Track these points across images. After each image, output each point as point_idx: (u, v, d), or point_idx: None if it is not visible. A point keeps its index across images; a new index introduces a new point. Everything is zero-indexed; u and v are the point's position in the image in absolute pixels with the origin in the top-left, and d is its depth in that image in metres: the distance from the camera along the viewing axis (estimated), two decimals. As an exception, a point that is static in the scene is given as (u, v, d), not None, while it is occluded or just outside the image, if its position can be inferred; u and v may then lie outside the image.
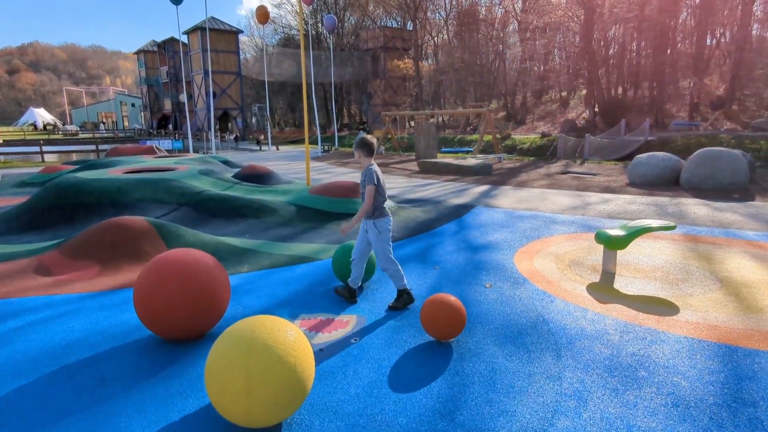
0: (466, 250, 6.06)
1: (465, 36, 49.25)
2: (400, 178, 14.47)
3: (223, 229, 7.24)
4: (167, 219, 7.53)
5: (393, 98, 53.88)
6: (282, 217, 7.65)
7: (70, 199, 7.94)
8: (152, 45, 56.31)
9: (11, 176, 15.77)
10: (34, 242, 6.73)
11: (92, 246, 5.57)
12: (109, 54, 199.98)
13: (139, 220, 5.94)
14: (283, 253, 5.96)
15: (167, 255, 3.52)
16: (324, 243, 6.48)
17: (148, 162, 12.27)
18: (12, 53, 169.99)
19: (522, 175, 14.88)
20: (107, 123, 75.36)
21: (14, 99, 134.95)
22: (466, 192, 11.40)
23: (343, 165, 19.66)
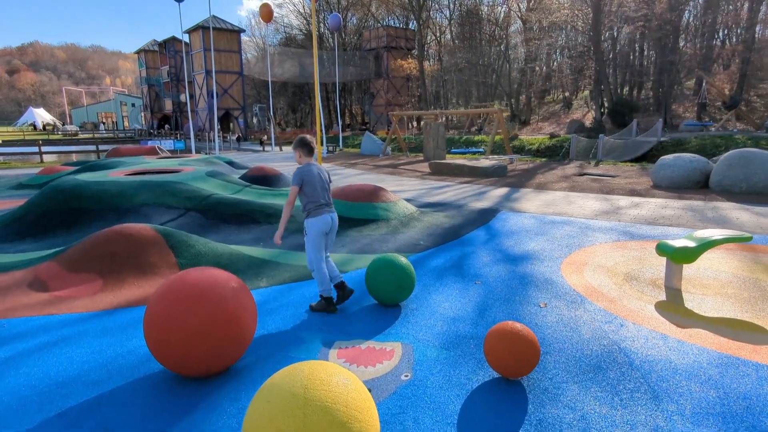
0: (505, 262, 5.50)
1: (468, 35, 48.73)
2: (413, 180, 13.91)
3: (235, 236, 6.68)
4: (174, 225, 6.97)
5: (396, 98, 53.34)
6: (298, 223, 7.08)
7: (68, 204, 7.38)
8: (153, 44, 55.76)
9: (8, 177, 15.21)
10: (30, 251, 6.17)
11: (93, 257, 5.00)
12: (109, 54, 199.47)
13: (144, 227, 5.38)
14: (303, 264, 5.40)
15: (183, 276, 2.95)
16: (346, 252, 5.92)
17: (151, 163, 11.71)
18: (12, 53, 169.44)
19: (538, 176, 14.33)
20: (107, 123, 74.81)
21: (14, 99, 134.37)
22: (485, 195, 10.84)
23: (351, 166, 19.10)
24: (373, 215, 7.24)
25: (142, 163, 11.78)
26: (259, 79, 53.71)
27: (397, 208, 7.55)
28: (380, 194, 7.68)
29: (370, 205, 7.41)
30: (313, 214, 3.92)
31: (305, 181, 3.91)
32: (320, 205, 3.93)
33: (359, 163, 20.38)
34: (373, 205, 7.42)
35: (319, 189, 3.93)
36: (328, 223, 3.96)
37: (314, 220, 3.92)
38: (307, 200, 3.95)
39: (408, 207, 7.81)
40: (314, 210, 3.92)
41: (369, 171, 17.10)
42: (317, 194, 3.92)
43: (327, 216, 3.95)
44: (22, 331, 3.74)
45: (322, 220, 3.93)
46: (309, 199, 3.94)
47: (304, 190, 3.93)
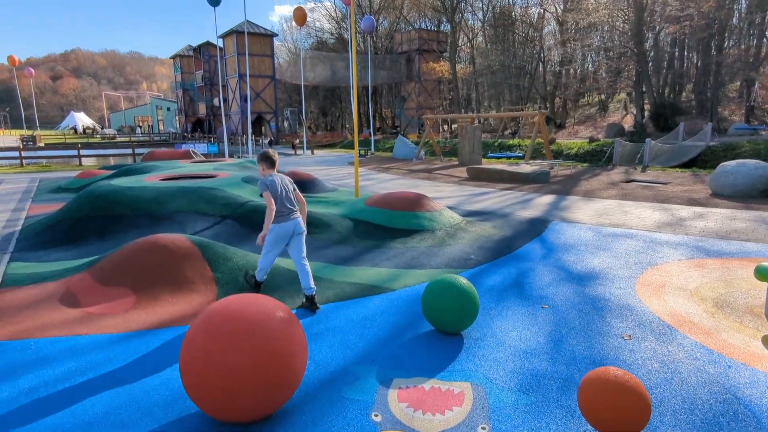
0: (569, 281, 4.94)
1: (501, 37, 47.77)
2: (451, 186, 13.38)
3: (272, 246, 6.31)
4: (209, 234, 6.67)
5: (427, 101, 52.79)
6: (337, 233, 6.68)
7: (103, 210, 7.18)
8: (188, 50, 56.89)
9: (48, 180, 15.41)
10: (64, 260, 5.95)
11: (126, 269, 4.70)
12: (146, 60, 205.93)
13: (179, 238, 5.05)
14: (347, 280, 4.97)
15: (225, 306, 2.55)
16: (392, 267, 5.46)
17: (186, 168, 11.56)
18: (56, 60, 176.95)
19: (583, 182, 13.58)
20: (143, 127, 76.81)
21: (57, 104, 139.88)
22: (531, 203, 10.22)
23: (385, 170, 18.68)
24: (417, 225, 6.77)
25: (177, 168, 11.64)
26: (291, 83, 54.07)
27: (442, 218, 7.06)
28: (424, 203, 7.21)
29: (414, 214, 6.94)
30: (275, 221, 4.24)
31: (272, 192, 4.20)
32: (282, 213, 4.24)
33: (392, 167, 19.95)
34: (416, 214, 6.95)
35: (282, 199, 4.24)
36: (288, 231, 4.30)
37: (275, 226, 4.25)
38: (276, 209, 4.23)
39: (453, 216, 7.30)
40: (276, 218, 4.23)
41: (403, 176, 16.64)
42: (280, 204, 4.23)
43: (289, 224, 4.28)
44: (49, 354, 3.42)
45: (283, 228, 4.27)
46: (277, 209, 4.23)
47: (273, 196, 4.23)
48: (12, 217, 9.13)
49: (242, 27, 43.32)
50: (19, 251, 6.47)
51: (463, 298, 3.51)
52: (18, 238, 7.25)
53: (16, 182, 15.30)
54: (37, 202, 10.93)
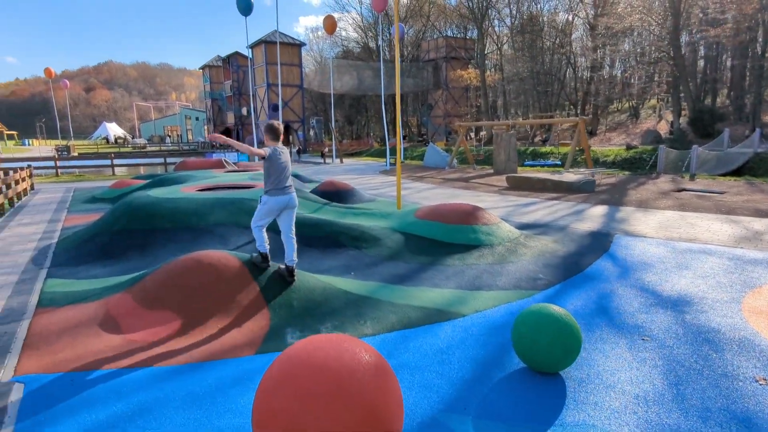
0: (662, 306, 4.34)
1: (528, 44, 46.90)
2: (492, 196, 12.78)
3: (319, 262, 5.88)
4: (251, 248, 6.27)
5: (454, 109, 52.24)
6: (388, 248, 6.21)
7: (141, 223, 6.88)
8: (217, 60, 57.73)
9: (83, 190, 15.42)
10: (102, 276, 5.63)
11: (169, 290, 4.31)
12: (176, 71, 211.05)
13: (227, 256, 4.65)
14: (409, 303, 4.48)
15: (306, 352, 2.08)
16: (455, 288, 4.95)
17: (221, 177, 11.30)
18: (89, 72, 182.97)
19: (631, 192, 12.81)
20: (173, 136, 78.26)
21: (90, 115, 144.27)
22: (583, 214, 9.57)
23: (418, 179, 18.19)
24: (475, 240, 6.24)
25: (212, 178, 11.39)
26: (317, 92, 54.28)
27: (500, 232, 6.52)
28: (480, 215, 6.68)
29: (470, 228, 6.41)
30: (271, 194, 4.45)
31: (272, 160, 4.38)
32: (279, 188, 4.44)
33: (426, 176, 19.44)
34: (473, 228, 6.42)
35: (280, 174, 4.42)
36: (282, 204, 4.50)
37: (270, 198, 4.45)
38: (269, 181, 4.44)
39: (512, 230, 6.75)
40: (273, 191, 4.44)
41: (439, 185, 16.12)
42: (279, 179, 4.43)
43: (283, 197, 4.48)
44: (92, 394, 3.02)
45: (277, 201, 4.46)
46: (271, 180, 4.43)
47: (269, 170, 4.42)
48: (48, 228, 8.96)
49: (270, 37, 43.73)
50: (56, 266, 6.20)
51: (565, 333, 2.98)
52: (54, 251, 7.01)
53: (51, 192, 15.37)
54: (73, 213, 10.80)
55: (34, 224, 9.45)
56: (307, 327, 3.96)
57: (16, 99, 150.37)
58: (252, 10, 23.81)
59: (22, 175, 13.67)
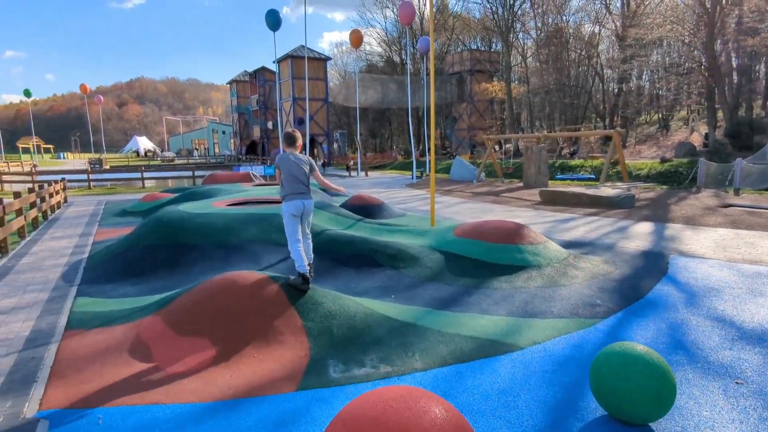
0: (747, 341, 3.86)
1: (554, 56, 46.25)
2: (527, 211, 12.31)
3: (356, 283, 5.56)
4: (286, 268, 6.00)
5: (479, 122, 51.82)
6: (428, 268, 5.85)
7: (171, 238, 6.69)
8: (244, 75, 58.75)
9: (114, 203, 15.53)
10: (132, 295, 5.42)
11: (202, 314, 4.05)
12: (203, 86, 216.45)
13: (262, 277, 4.37)
14: (458, 332, 4.11)
15: (376, 410, 1.75)
16: (506, 315, 4.55)
17: (251, 191, 11.16)
18: (122, 88, 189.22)
19: (674, 207, 12.16)
20: (200, 149, 79.77)
21: (121, 129, 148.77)
22: (628, 232, 9.04)
23: (447, 193, 17.79)
24: (521, 261, 5.83)
25: (242, 192, 11.25)
26: (340, 106, 54.62)
27: (548, 252, 6.09)
28: (525, 234, 6.27)
29: (516, 247, 6.01)
30: (287, 200, 4.56)
31: (281, 168, 4.57)
32: (293, 194, 4.53)
33: (454, 189, 19.04)
34: (518, 247, 6.01)
35: (291, 180, 4.52)
36: (299, 208, 4.55)
37: (286, 204, 4.56)
38: (282, 188, 4.61)
39: (559, 250, 6.32)
40: (288, 197, 4.56)
41: (469, 199, 15.70)
42: (291, 185, 4.53)
43: (298, 202, 4.53)
44: (120, 433, 2.74)
45: (293, 205, 4.53)
46: (283, 187, 4.59)
47: (281, 178, 4.60)
48: (80, 242, 8.90)
49: (297, 52, 44.27)
50: (86, 283, 6.03)
51: (658, 379, 2.57)
52: (85, 267, 6.88)
53: (84, 205, 15.52)
54: (104, 226, 10.77)
55: (66, 238, 9.42)
56: (351, 359, 3.63)
57: (53, 114, 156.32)
58: (280, 25, 24.02)
59: (56, 188, 13.83)
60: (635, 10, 38.89)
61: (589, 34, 45.89)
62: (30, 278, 6.38)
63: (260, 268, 6.02)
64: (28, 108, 60.19)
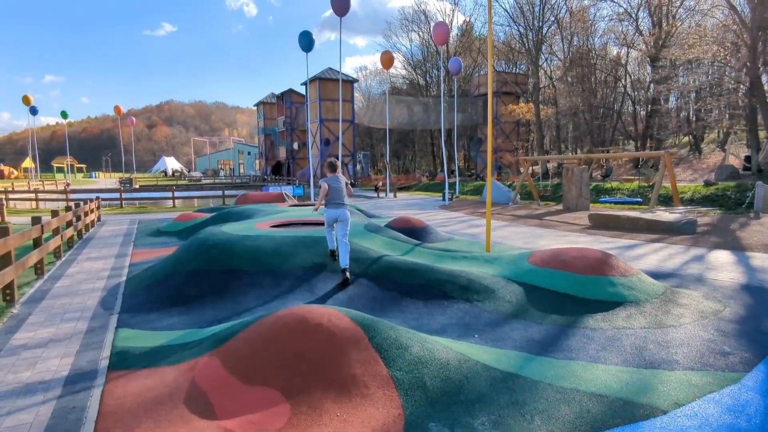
0: None
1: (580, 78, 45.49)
2: (581, 236, 11.49)
3: (428, 319, 4.89)
4: (345, 299, 5.38)
5: (505, 144, 51.21)
6: (508, 302, 5.15)
7: (217, 263, 6.16)
8: (271, 97, 59.50)
9: (147, 222, 15.25)
10: (178, 328, 4.86)
11: (270, 358, 3.43)
12: (229, 109, 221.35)
13: (336, 314, 3.75)
14: (576, 386, 3.39)
15: None
16: (621, 364, 3.81)
17: (291, 212, 10.66)
18: (152, 111, 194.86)
19: (741, 234, 11.20)
20: (225, 170, 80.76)
21: (150, 149, 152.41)
22: (707, 261, 8.18)
23: (484, 215, 17.05)
24: (616, 296, 5.09)
25: (280, 213, 10.76)
26: (363, 128, 54.61)
27: (643, 286, 5.34)
28: (615, 264, 5.54)
29: (607, 279, 5.28)
30: (328, 207, 6.12)
31: (331, 187, 6.09)
32: (334, 203, 6.09)
33: (500, 214, 18.28)
34: (610, 280, 5.28)
35: (334, 194, 6.11)
36: (334, 216, 6.10)
37: (327, 210, 6.14)
38: (327, 199, 6.13)
39: (654, 283, 5.55)
40: (329, 204, 6.11)
41: (511, 223, 14.94)
42: (333, 196, 6.11)
43: (334, 211, 6.09)
44: None
45: (331, 213, 6.11)
46: (328, 198, 6.12)
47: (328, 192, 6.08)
48: (116, 264, 8.46)
49: (324, 74, 44.54)
50: (127, 312, 5.51)
51: None
52: (123, 292, 6.37)
53: (117, 224, 15.28)
54: (139, 247, 10.37)
55: (102, 259, 9.01)
56: (457, 423, 2.94)
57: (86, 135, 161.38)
58: (313, 47, 24.00)
59: (91, 207, 13.60)
60: (668, 31, 38.07)
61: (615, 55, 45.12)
62: (67, 304, 5.90)
63: (316, 298, 5.42)
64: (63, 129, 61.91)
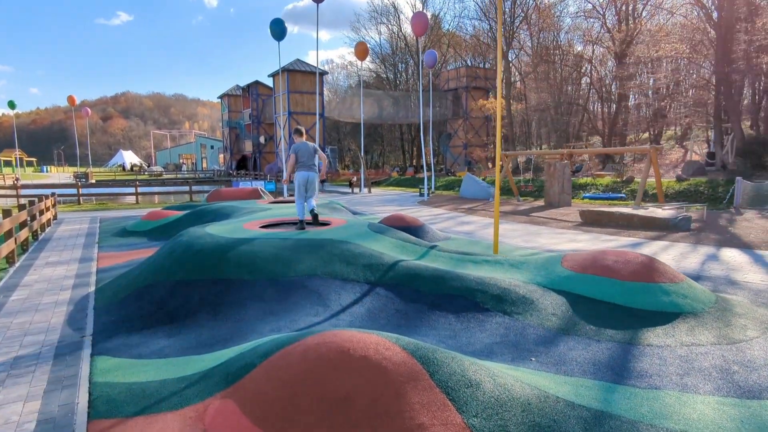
0: None
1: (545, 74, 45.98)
2: (579, 234, 11.12)
3: (465, 336, 4.22)
4: (364, 313, 4.65)
5: (475, 139, 51.31)
6: (552, 315, 4.55)
7: (208, 272, 5.29)
8: (236, 89, 57.44)
9: (110, 221, 13.95)
10: (171, 354, 4.01)
11: (308, 405, 2.68)
12: (190, 101, 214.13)
13: (382, 342, 3.02)
14: (685, 429, 2.79)
15: None
16: (715, 392, 3.25)
17: (275, 211, 9.79)
18: (107, 102, 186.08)
19: (736, 230, 11.11)
20: (188, 164, 77.78)
21: (105, 143, 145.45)
22: (723, 261, 7.87)
23: (471, 212, 16.57)
24: (671, 306, 4.56)
25: (264, 211, 9.87)
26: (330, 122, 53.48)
27: (695, 293, 4.84)
28: (662, 268, 5.02)
29: (658, 287, 4.75)
30: (300, 169, 7.00)
31: (299, 151, 7.00)
32: (305, 166, 7.00)
33: (476, 208, 17.83)
34: (661, 287, 4.75)
35: (304, 157, 7.00)
36: (307, 175, 7.00)
37: (299, 172, 7.01)
38: (297, 165, 7.04)
39: (705, 290, 5.06)
40: (301, 167, 7.01)
41: (500, 220, 14.49)
42: (304, 160, 6.99)
43: (307, 172, 7.01)
44: None
45: (303, 174, 7.01)
46: (298, 164, 7.04)
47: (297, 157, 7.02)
48: (81, 270, 7.40)
49: (292, 65, 43.16)
50: (103, 333, 4.59)
51: None
52: (95, 306, 5.42)
53: (76, 222, 13.91)
54: (106, 249, 9.27)
55: (63, 264, 7.91)
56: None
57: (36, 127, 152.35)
58: (285, 34, 22.88)
59: (47, 205, 12.25)
60: (634, 28, 38.67)
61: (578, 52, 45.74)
62: (26, 324, 4.91)
63: (331, 313, 4.66)
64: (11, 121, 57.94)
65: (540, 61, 45.95)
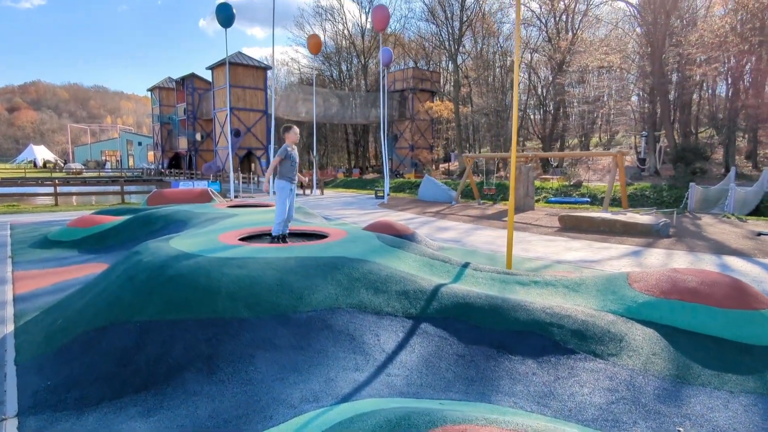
0: None
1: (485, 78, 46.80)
2: (569, 241, 10.51)
3: (565, 393, 3.17)
4: (417, 362, 3.47)
5: (421, 141, 51.19)
6: (654, 355, 3.60)
7: (192, 308, 3.85)
8: (168, 82, 53.46)
9: (25, 227, 11.62)
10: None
11: None
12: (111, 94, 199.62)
13: None
14: None
15: None
16: None
17: (245, 216, 8.29)
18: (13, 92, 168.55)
19: (710, 236, 11.02)
20: (112, 161, 71.76)
21: (12, 137, 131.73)
22: (743, 272, 7.45)
23: (441, 216, 15.70)
24: (765, 339, 3.78)
25: (230, 217, 8.34)
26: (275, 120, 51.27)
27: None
28: (752, 292, 4.25)
29: (759, 314, 3.94)
30: (283, 178, 6.05)
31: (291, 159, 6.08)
32: (287, 176, 6.07)
33: (444, 213, 17.01)
34: (763, 314, 3.96)
35: (290, 166, 6.07)
36: (292, 187, 6.13)
37: (279, 182, 6.06)
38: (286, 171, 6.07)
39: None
40: (289, 178, 6.08)
41: (474, 224, 13.72)
42: (288, 170, 6.07)
43: (292, 184, 6.15)
44: None
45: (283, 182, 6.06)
46: (288, 171, 6.07)
47: (282, 164, 6.05)
48: (-8, 300, 5.59)
49: (234, 58, 40.63)
50: (35, 411, 3.07)
51: None
52: (18, 361, 3.82)
53: (-21, 230, 11.45)
54: (23, 266, 7.34)
55: (-36, 291, 6.00)
56: None
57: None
58: (233, 21, 20.96)
59: (-61, 209, 9.85)
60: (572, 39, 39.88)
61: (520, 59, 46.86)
62: None
63: (376, 366, 3.42)
64: None
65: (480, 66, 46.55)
